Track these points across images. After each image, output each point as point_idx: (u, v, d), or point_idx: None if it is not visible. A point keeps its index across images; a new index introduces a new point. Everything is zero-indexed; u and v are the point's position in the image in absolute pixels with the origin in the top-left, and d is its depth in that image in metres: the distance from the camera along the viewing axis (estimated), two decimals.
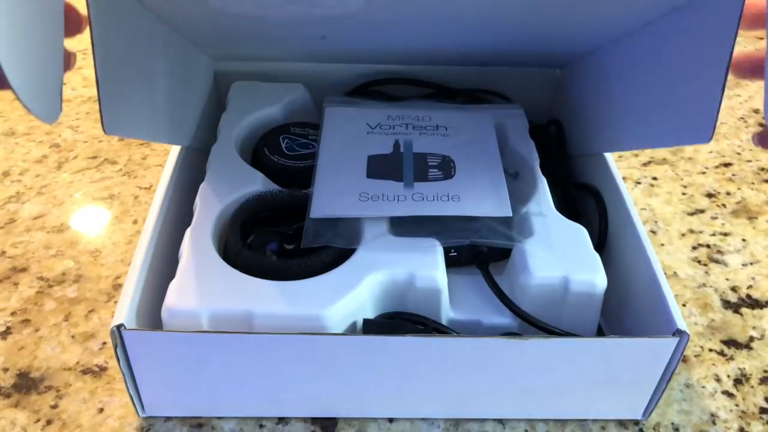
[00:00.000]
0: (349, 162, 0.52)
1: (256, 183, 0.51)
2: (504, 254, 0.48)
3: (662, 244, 0.62)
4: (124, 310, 0.40)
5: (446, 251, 0.47)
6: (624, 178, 0.68)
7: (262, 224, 0.49)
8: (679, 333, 0.40)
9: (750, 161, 0.75)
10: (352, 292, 0.43)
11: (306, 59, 0.66)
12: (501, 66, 0.67)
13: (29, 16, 0.31)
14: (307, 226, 0.47)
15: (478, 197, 0.49)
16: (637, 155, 0.74)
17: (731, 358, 0.52)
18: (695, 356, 0.52)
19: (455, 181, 0.50)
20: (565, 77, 0.66)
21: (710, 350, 0.52)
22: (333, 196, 0.49)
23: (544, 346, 0.41)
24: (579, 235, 0.48)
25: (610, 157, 0.55)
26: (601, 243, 0.53)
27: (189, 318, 0.41)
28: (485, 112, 0.59)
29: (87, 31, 0.39)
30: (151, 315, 0.44)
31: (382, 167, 0.51)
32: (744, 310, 0.56)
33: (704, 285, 0.58)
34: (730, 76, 0.39)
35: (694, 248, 0.62)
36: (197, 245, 0.46)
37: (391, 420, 0.46)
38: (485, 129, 0.56)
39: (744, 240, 0.64)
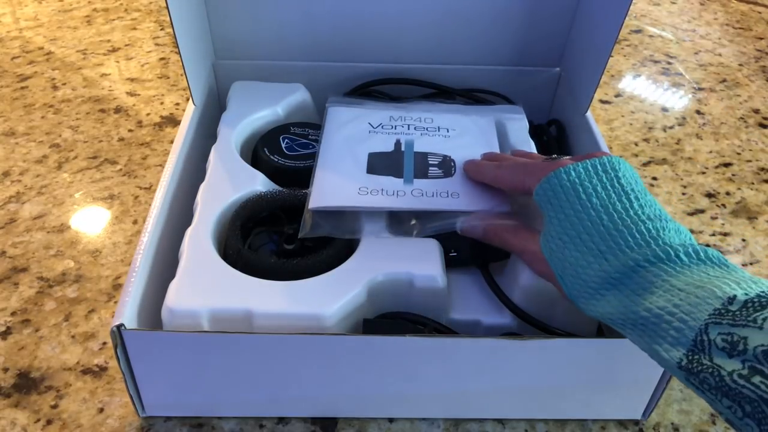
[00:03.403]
0: (350, 157, 0.52)
1: (256, 183, 0.51)
2: (504, 254, 0.48)
3: None
4: (124, 310, 0.40)
5: (446, 251, 0.47)
6: None
7: (262, 224, 0.49)
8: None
9: (750, 161, 0.75)
10: (352, 292, 0.43)
11: (306, 59, 0.66)
12: (501, 66, 0.67)
13: None
14: (305, 216, 0.47)
15: (478, 194, 0.49)
16: (636, 155, 0.74)
17: None
18: None
19: (455, 179, 0.50)
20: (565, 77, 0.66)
21: None
22: (332, 188, 0.49)
23: (544, 346, 0.41)
24: None
25: None
26: None
27: (189, 318, 0.41)
28: (487, 115, 0.59)
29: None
30: (151, 315, 0.44)
31: (383, 164, 0.51)
32: None
33: None
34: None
35: None
36: (197, 245, 0.46)
37: (391, 420, 0.46)
38: (487, 132, 0.56)
39: (744, 240, 0.64)
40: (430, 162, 0.52)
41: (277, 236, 0.48)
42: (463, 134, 0.55)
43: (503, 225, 0.45)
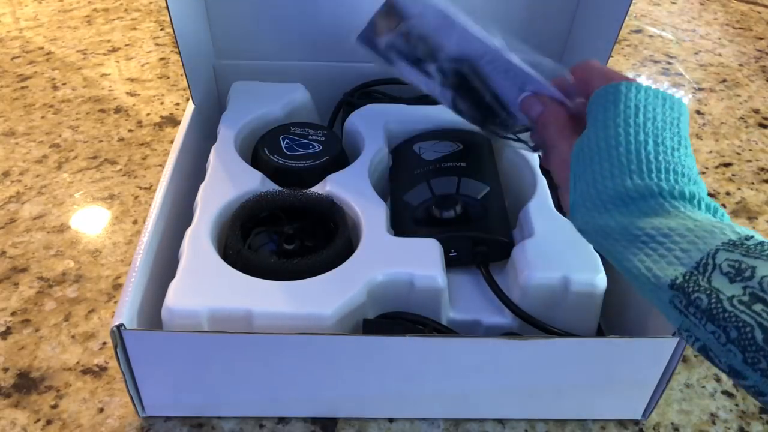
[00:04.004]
0: None
1: (256, 183, 0.51)
2: (504, 254, 0.48)
3: None
4: (124, 310, 0.40)
5: (446, 251, 0.47)
6: None
7: (262, 224, 0.49)
8: (679, 333, 0.40)
9: (750, 161, 0.75)
10: (352, 292, 0.43)
11: (306, 59, 0.66)
12: None
13: None
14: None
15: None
16: None
17: None
18: (695, 356, 0.52)
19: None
20: None
21: None
22: None
23: (544, 346, 0.41)
24: (579, 235, 0.48)
25: None
26: None
27: (189, 318, 0.41)
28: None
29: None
30: (151, 315, 0.44)
31: None
32: None
33: None
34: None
35: None
36: (197, 245, 0.46)
37: (391, 420, 0.46)
38: None
39: None
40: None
41: (277, 236, 0.48)
42: None
43: (559, 114, 0.42)
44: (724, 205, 0.68)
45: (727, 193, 0.70)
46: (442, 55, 0.47)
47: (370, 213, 0.49)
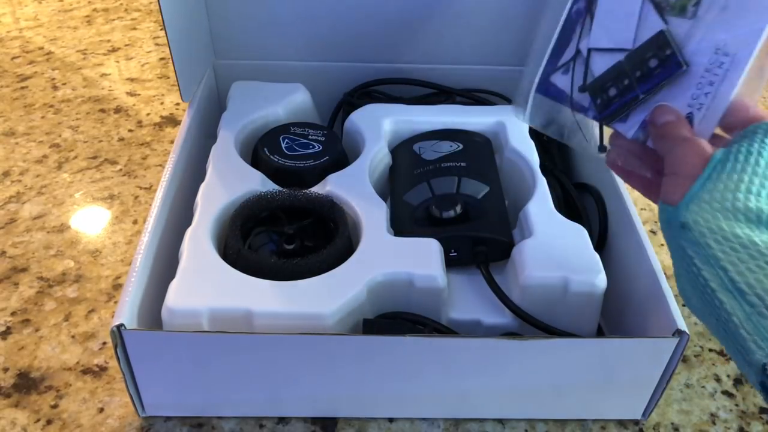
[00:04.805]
0: None
1: (256, 183, 0.51)
2: (504, 254, 0.48)
3: (662, 244, 0.62)
4: (124, 310, 0.40)
5: (446, 251, 0.47)
6: None
7: (262, 224, 0.49)
8: (679, 333, 0.40)
9: None
10: (352, 292, 0.43)
11: (306, 59, 0.66)
12: (501, 66, 0.67)
13: None
14: (532, 102, 0.44)
15: None
16: None
17: (731, 358, 0.52)
18: (695, 356, 0.52)
19: None
20: None
21: (710, 350, 0.52)
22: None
23: (544, 346, 0.41)
24: (579, 235, 0.48)
25: None
26: (601, 243, 0.53)
27: (189, 318, 0.41)
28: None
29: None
30: (151, 315, 0.44)
31: None
32: None
33: None
34: None
35: None
36: (197, 245, 0.46)
37: (391, 420, 0.46)
38: None
39: None
40: None
41: (277, 236, 0.48)
42: None
43: (688, 127, 0.40)
44: None
45: None
46: (699, 29, 0.39)
47: (370, 213, 0.49)
